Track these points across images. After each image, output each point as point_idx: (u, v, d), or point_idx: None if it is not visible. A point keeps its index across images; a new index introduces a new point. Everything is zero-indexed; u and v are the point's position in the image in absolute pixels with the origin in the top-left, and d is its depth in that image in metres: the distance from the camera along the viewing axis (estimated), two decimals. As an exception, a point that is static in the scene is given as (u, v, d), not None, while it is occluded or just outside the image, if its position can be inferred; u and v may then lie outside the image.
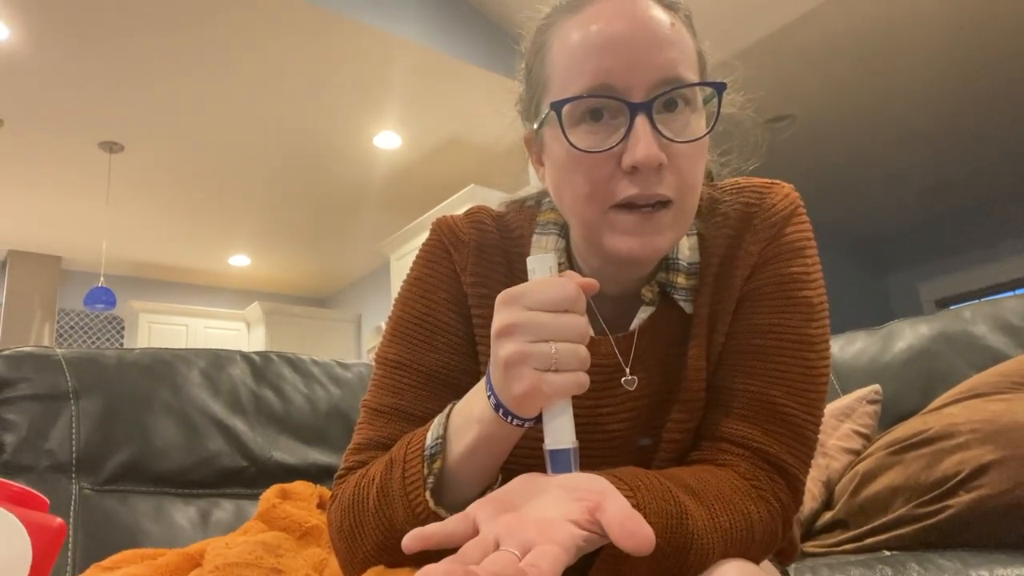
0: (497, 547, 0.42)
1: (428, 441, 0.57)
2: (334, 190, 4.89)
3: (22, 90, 3.56)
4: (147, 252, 5.85)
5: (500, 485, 0.57)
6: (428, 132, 4.19)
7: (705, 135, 0.60)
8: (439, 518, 0.54)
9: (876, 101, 4.15)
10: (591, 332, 0.51)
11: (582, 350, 0.50)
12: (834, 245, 6.16)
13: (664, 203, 0.58)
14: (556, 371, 0.49)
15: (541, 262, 0.54)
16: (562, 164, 0.61)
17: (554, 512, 0.45)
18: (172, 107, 3.79)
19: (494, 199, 0.80)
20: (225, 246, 5.84)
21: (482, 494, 0.56)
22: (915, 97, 4.12)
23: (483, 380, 0.55)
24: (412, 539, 0.45)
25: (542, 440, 0.53)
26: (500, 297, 0.52)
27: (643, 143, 0.56)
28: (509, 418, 0.53)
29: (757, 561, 0.60)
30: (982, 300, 1.57)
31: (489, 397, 0.53)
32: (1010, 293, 5.46)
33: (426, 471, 0.55)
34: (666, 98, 0.58)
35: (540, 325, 0.49)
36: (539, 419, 0.53)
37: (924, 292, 6.52)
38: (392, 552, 0.57)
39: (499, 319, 0.51)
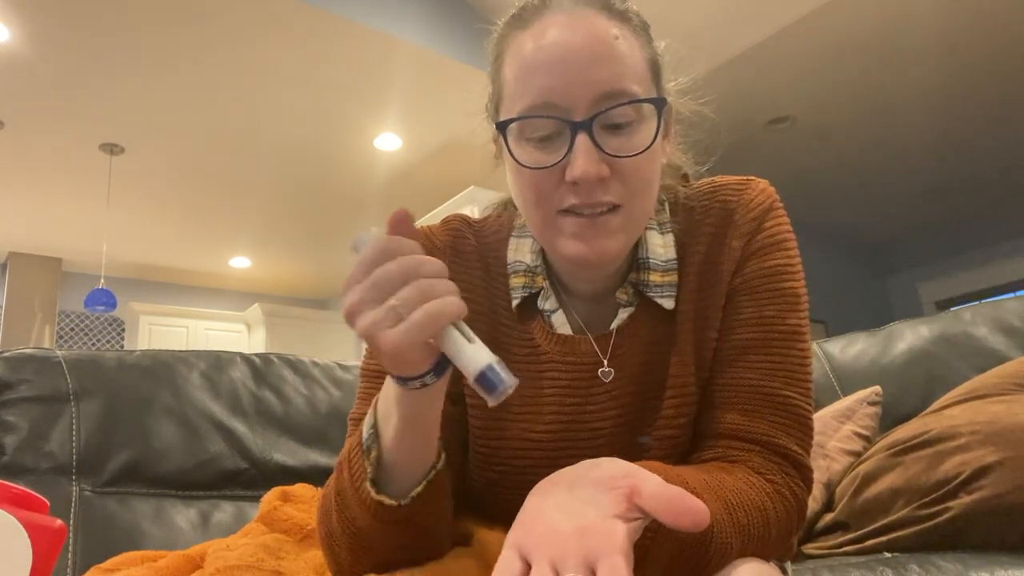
0: None
1: (364, 434, 0.56)
2: (335, 192, 4.89)
3: (23, 92, 3.56)
4: (147, 254, 5.85)
5: (442, 464, 0.56)
6: (429, 134, 4.19)
7: (646, 149, 0.60)
8: (386, 507, 0.53)
9: (876, 103, 4.15)
10: (428, 267, 0.47)
11: (422, 283, 0.46)
12: (834, 247, 6.16)
13: (612, 208, 0.60)
14: (408, 314, 0.46)
15: (361, 240, 0.50)
16: (514, 174, 0.63)
17: (593, 513, 0.43)
18: (172, 109, 3.80)
19: (494, 201, 0.81)
20: (226, 248, 5.85)
21: (427, 475, 0.55)
22: (916, 99, 4.12)
23: None
24: None
25: (529, 438, 0.51)
26: (341, 291, 0.49)
27: (581, 161, 0.57)
28: (410, 383, 0.50)
29: (772, 557, 0.60)
30: (982, 301, 1.57)
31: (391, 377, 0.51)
32: (1011, 295, 5.46)
33: (366, 464, 0.55)
34: (607, 114, 0.59)
35: (371, 287, 0.46)
36: (444, 368, 0.50)
37: (924, 293, 6.52)
38: (366, 554, 0.57)
39: (343, 307, 0.48)
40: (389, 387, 0.53)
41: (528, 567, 0.42)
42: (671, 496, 0.42)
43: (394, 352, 0.46)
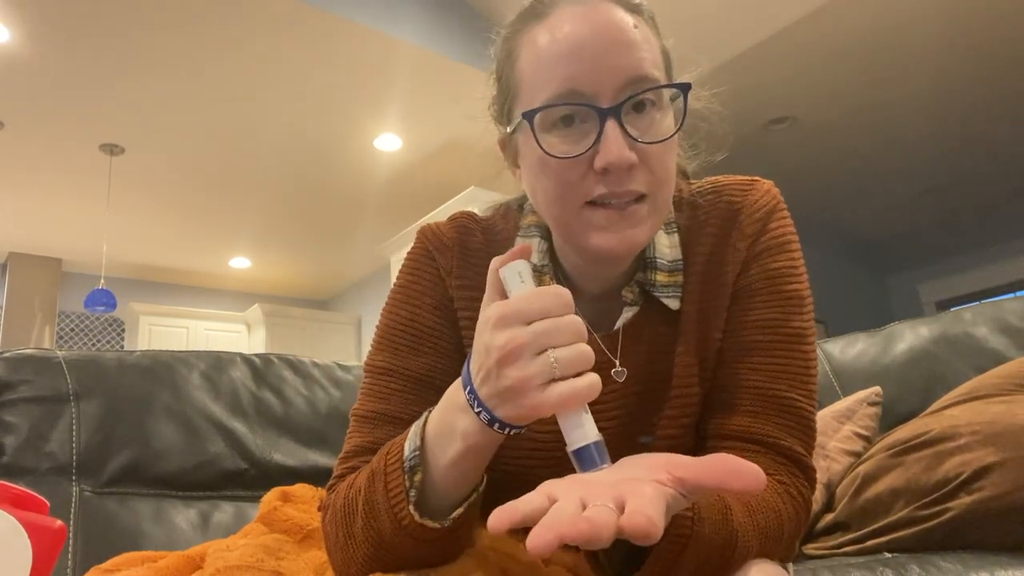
0: (585, 509, 0.39)
1: (406, 453, 0.55)
2: (335, 192, 4.89)
3: (23, 92, 3.56)
4: (147, 254, 5.85)
5: (483, 485, 0.57)
6: (429, 134, 4.19)
7: (674, 134, 0.60)
8: (426, 529, 0.54)
9: (876, 103, 4.15)
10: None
11: (584, 348, 0.47)
12: (834, 247, 6.16)
13: (639, 197, 0.60)
14: (559, 380, 0.46)
15: (512, 269, 0.50)
16: (536, 168, 0.62)
17: (630, 474, 0.42)
18: (173, 109, 3.80)
19: (495, 201, 0.81)
20: (226, 248, 5.85)
21: (468, 496, 0.56)
22: (915, 99, 4.12)
23: (459, 393, 0.52)
24: (498, 519, 0.39)
25: (535, 439, 0.51)
26: (492, 317, 0.48)
27: (614, 146, 0.57)
28: (506, 430, 0.50)
29: (782, 557, 0.61)
30: (982, 301, 1.57)
31: (479, 413, 0.50)
32: (1011, 295, 5.46)
33: (407, 483, 0.54)
34: (634, 100, 0.59)
35: (538, 334, 0.46)
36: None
37: (924, 294, 6.52)
38: (384, 560, 0.57)
39: (501, 339, 0.47)
40: (469, 424, 0.51)
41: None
42: (715, 460, 0.40)
43: (536, 411, 0.46)
